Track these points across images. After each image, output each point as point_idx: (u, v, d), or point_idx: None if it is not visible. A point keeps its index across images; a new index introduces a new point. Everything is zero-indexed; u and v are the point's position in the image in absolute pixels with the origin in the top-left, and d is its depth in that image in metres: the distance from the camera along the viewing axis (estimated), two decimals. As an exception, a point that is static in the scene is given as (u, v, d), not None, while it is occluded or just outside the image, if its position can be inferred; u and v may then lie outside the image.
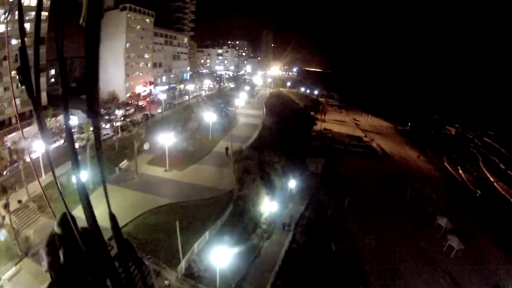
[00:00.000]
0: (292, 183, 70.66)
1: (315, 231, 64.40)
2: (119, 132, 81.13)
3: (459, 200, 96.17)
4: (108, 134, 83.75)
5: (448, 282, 58.63)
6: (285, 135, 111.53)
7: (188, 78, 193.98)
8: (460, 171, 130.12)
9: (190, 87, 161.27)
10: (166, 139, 68.50)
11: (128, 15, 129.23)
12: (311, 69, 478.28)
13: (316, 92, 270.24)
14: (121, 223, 29.98)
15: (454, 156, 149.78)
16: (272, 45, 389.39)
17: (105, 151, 72.14)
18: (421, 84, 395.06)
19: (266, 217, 59.46)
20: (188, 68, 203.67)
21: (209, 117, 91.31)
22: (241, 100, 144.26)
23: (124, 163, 68.43)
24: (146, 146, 75.64)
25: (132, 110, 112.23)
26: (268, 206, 59.95)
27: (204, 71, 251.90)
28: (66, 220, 3.00)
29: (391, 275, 58.52)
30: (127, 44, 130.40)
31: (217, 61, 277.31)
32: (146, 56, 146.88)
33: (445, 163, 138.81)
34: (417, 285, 56.95)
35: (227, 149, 79.28)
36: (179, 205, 54.14)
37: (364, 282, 56.14)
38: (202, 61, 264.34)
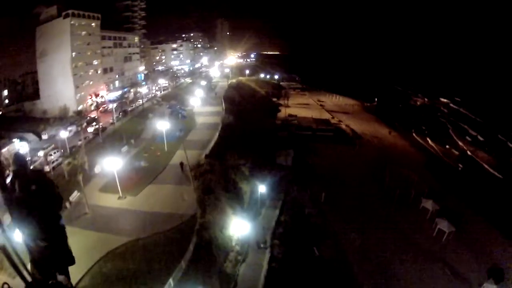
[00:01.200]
0: (262, 188, 64.16)
1: (294, 238, 59.14)
2: (51, 169, 71.81)
3: (440, 178, 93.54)
4: (57, 160, 75.03)
5: (444, 270, 55.04)
6: (248, 130, 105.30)
7: (142, 78, 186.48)
8: (433, 144, 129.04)
9: (144, 89, 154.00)
10: (114, 163, 59.39)
11: (72, 22, 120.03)
12: (268, 53, 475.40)
13: (276, 77, 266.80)
14: (76, 277, 36.13)
15: (424, 129, 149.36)
16: (228, 33, 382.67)
17: (54, 181, 64.69)
18: (382, 58, 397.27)
19: (237, 238, 52.29)
20: (143, 68, 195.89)
21: (162, 125, 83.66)
22: (197, 98, 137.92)
23: (74, 196, 60.00)
24: (97, 169, 67.83)
25: (84, 124, 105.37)
26: (238, 227, 51.65)
27: (160, 68, 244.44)
28: (19, 159, 4.82)
29: (382, 273, 54.07)
30: (73, 53, 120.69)
31: (172, 56, 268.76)
32: (95, 62, 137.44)
33: (417, 137, 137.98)
34: (412, 281, 52.57)
35: (182, 164, 70.42)
36: (136, 244, 46.70)
37: (355, 286, 51.88)
38: (157, 58, 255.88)
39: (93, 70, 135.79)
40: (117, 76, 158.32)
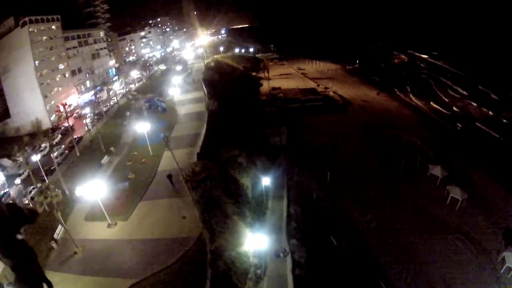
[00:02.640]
0: (266, 180, 56.46)
1: (308, 230, 54.58)
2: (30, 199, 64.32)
3: (442, 139, 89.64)
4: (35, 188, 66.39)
5: (463, 241, 51.46)
6: (234, 113, 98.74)
7: (114, 73, 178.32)
8: (421, 102, 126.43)
9: (117, 85, 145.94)
10: (95, 189, 50.16)
11: (30, 29, 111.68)
12: (239, 27, 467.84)
13: (251, 50, 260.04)
14: None
15: (409, 86, 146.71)
16: (195, 12, 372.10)
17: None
18: (356, 16, 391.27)
19: (254, 251, 44.37)
20: (113, 62, 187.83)
21: (143, 127, 75.17)
22: (175, 86, 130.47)
23: (59, 231, 52.06)
24: (78, 193, 59.28)
25: (59, 137, 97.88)
26: (255, 242, 42.92)
27: (131, 59, 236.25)
28: None
29: (403, 254, 50.31)
30: (36, 62, 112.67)
31: (142, 45, 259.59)
32: (61, 66, 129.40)
33: (404, 96, 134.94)
34: (435, 259, 48.75)
35: (170, 177, 61.31)
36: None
37: (380, 273, 46.90)
38: (127, 49, 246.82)
39: (60, 75, 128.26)
40: (87, 75, 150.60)
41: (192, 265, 41.10)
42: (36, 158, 74.13)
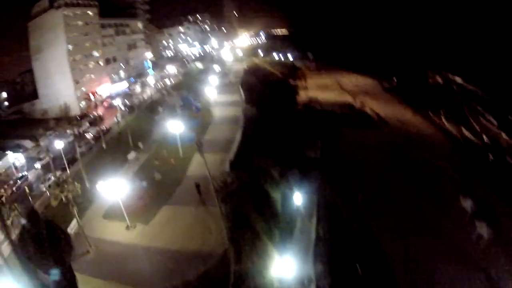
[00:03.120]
0: (298, 197, 53.34)
1: (336, 255, 49.68)
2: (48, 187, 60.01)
3: (473, 169, 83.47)
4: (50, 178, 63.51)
5: (485, 283, 47.66)
6: (270, 120, 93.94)
7: (150, 66, 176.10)
8: (454, 127, 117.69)
9: (152, 79, 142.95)
10: (116, 188, 46.56)
11: (65, 13, 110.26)
12: (278, 32, 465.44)
13: (290, 56, 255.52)
14: None
15: (442, 109, 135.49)
16: (235, 13, 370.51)
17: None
18: (400, 33, 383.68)
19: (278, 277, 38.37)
20: (150, 55, 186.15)
21: (176, 127, 71.59)
22: (211, 86, 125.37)
23: (73, 226, 48.63)
24: (99, 187, 53.45)
25: (87, 125, 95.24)
26: (282, 266, 37.31)
27: (168, 53, 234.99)
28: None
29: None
30: (70, 46, 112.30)
31: (180, 41, 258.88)
32: (96, 53, 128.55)
33: (438, 119, 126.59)
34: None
35: (198, 186, 56.73)
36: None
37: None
38: (165, 43, 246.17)
39: (94, 62, 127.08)
40: (121, 65, 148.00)
41: (213, 286, 37.05)
42: (59, 145, 70.79)
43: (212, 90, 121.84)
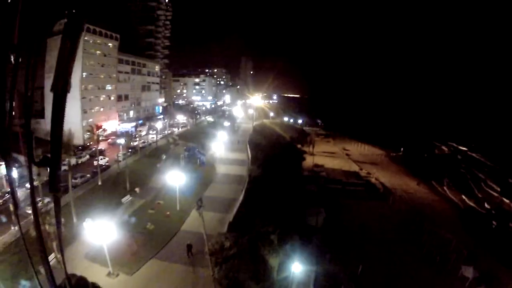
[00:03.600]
0: (297, 266, 48.82)
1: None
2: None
3: (477, 237, 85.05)
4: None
5: None
6: (275, 183, 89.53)
7: (160, 111, 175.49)
8: (458, 197, 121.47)
9: (160, 124, 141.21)
10: (103, 233, 42.58)
11: (86, 38, 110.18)
12: (290, 96, 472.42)
13: (300, 121, 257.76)
14: None
15: (447, 179, 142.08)
16: (251, 72, 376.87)
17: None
18: (409, 105, 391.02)
19: None
20: (162, 100, 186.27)
21: (177, 179, 67.82)
22: (219, 141, 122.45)
23: (51, 259, 41.19)
24: (86, 224, 49.47)
25: (87, 157, 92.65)
26: None
27: (180, 102, 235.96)
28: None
29: None
30: (84, 74, 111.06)
31: (194, 91, 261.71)
32: (109, 87, 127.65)
33: (442, 189, 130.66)
34: None
35: (189, 247, 51.38)
36: None
37: None
38: (178, 91, 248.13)
39: (105, 95, 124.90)
40: (132, 105, 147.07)
41: None
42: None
43: (219, 146, 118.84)
